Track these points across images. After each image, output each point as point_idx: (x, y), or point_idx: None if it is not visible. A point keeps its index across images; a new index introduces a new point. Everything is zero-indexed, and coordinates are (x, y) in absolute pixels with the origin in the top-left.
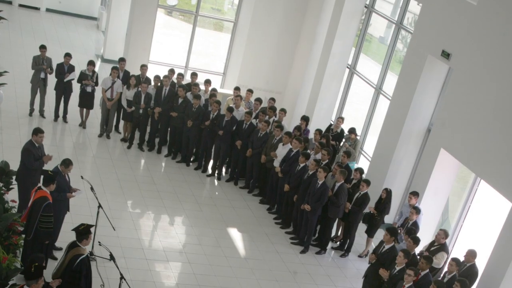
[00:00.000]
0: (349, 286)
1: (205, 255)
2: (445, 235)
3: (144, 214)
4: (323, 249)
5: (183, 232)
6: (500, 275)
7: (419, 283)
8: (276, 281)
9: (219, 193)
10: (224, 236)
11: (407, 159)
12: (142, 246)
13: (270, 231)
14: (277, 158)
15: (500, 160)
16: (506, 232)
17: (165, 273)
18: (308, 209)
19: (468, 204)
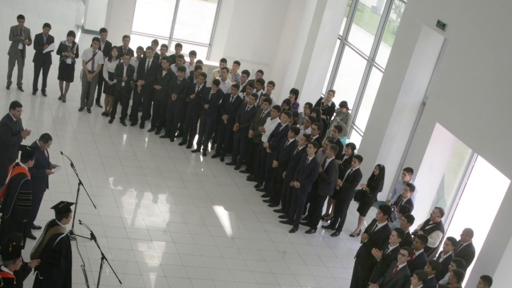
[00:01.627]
0: (340, 266)
1: (190, 234)
2: (440, 214)
3: (127, 191)
4: (313, 228)
5: (167, 210)
6: (498, 255)
7: (413, 263)
8: (264, 261)
9: (204, 169)
10: (210, 215)
11: (401, 134)
12: (124, 224)
13: (258, 209)
14: (265, 133)
15: (498, 135)
16: (504, 210)
17: (148, 253)
18: (298, 186)
19: (465, 181)
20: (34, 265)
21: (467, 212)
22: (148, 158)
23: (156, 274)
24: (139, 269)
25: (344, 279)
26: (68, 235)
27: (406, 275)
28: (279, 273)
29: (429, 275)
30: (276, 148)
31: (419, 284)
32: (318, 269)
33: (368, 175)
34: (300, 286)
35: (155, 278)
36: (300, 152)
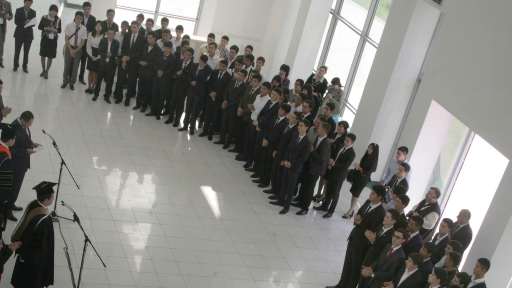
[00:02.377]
0: (333, 249)
1: (177, 216)
2: (436, 194)
3: (111, 171)
4: (305, 209)
5: (152, 190)
6: (496, 237)
7: (408, 245)
8: (254, 244)
9: (192, 148)
10: (197, 195)
11: (395, 112)
12: (109, 206)
13: (247, 190)
14: (255, 110)
15: (496, 113)
16: (502, 191)
17: (133, 235)
18: (288, 166)
19: (461, 161)
20: (15, 247)
21: (464, 192)
22: (133, 136)
23: (141, 257)
24: (123, 251)
25: (337, 262)
26: (50, 217)
27: (401, 258)
28: (269, 256)
29: (425, 258)
30: (266, 127)
31: (414, 268)
32: (310, 252)
33: (361, 154)
34: (291, 269)
35: (140, 261)
36: (291, 131)
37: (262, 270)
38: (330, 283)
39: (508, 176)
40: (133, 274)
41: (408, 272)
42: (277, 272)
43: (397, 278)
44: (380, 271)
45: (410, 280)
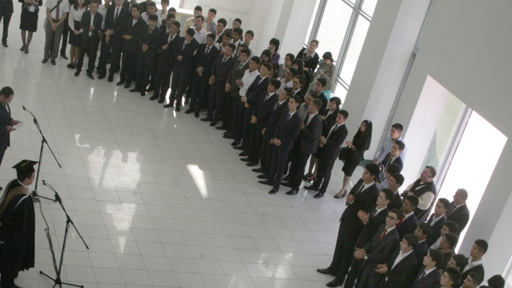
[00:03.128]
0: (324, 230)
1: (162, 196)
2: (432, 173)
3: (94, 149)
4: (295, 189)
5: (137, 169)
6: (494, 218)
7: (402, 226)
8: (242, 225)
9: (178, 125)
10: (184, 174)
11: (389, 88)
12: (92, 185)
13: (235, 169)
14: (243, 86)
15: (494, 89)
16: (500, 170)
17: (117, 216)
18: (278, 144)
19: (458, 138)
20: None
21: (461, 171)
22: (117, 113)
23: (125, 238)
24: (107, 233)
25: (328, 243)
26: (31, 197)
27: (395, 239)
28: (258, 237)
29: (420, 239)
30: (255, 103)
31: (408, 249)
32: (300, 233)
33: (354, 132)
34: (281, 251)
35: (124, 243)
36: (281, 107)
37: (250, 252)
38: (321, 265)
39: (507, 154)
40: (117, 256)
41: (402, 254)
42: (267, 254)
43: (391, 260)
44: (374, 253)
45: (404, 262)
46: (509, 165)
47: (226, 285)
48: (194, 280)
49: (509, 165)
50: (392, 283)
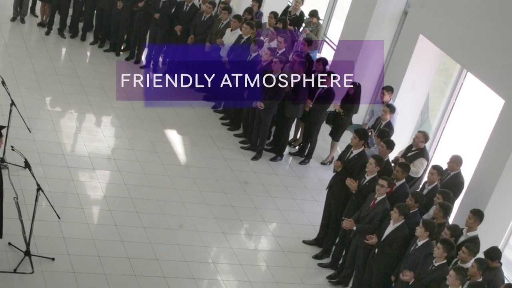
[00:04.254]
0: (310, 198)
1: (138, 162)
2: (424, 138)
3: (66, 113)
4: (279, 155)
5: (112, 134)
6: (491, 186)
7: (393, 195)
8: (223, 193)
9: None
10: (161, 140)
11: (380, 48)
12: (63, 151)
13: (215, 134)
14: (224, 46)
15: (490, 49)
16: (497, 135)
17: (90, 184)
18: (261, 108)
19: (452, 102)
20: None
21: (455, 137)
22: (90, 75)
23: (99, 208)
24: (80, 202)
25: (314, 213)
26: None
27: (385, 208)
28: (240, 207)
29: (412, 208)
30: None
31: (400, 219)
32: (285, 202)
33: (342, 95)
34: (264, 221)
35: (98, 212)
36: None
37: (232, 222)
38: (307, 236)
39: (504, 119)
40: (90, 226)
41: (393, 225)
42: (249, 224)
43: (381, 231)
44: (363, 223)
45: (395, 233)
46: (506, 130)
47: (206, 257)
48: (172, 252)
49: (506, 129)
50: (382, 255)
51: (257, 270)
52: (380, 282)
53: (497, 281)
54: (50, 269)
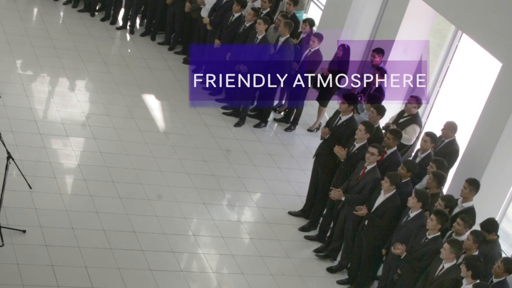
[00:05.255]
0: (296, 167)
1: (114, 129)
2: (417, 104)
3: (38, 77)
4: (264, 122)
5: (86, 99)
6: (487, 153)
7: (384, 164)
8: (204, 162)
9: (132, 50)
10: (138, 105)
11: (369, 8)
12: (35, 117)
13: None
14: (205, 6)
15: (486, 9)
16: (494, 100)
17: (64, 152)
18: (245, 71)
19: (447, 65)
20: None
21: (450, 102)
22: (63, 36)
23: (73, 177)
24: (52, 171)
25: (301, 182)
26: None
27: (376, 178)
28: (222, 176)
29: (404, 178)
30: (218, 25)
31: (391, 189)
32: (270, 171)
33: (330, 57)
34: (248, 192)
35: (72, 182)
36: (248, 30)
37: (213, 192)
38: (293, 207)
39: (501, 83)
40: (64, 197)
41: (384, 195)
42: (231, 195)
43: (371, 201)
44: (352, 194)
45: (386, 203)
46: (503, 95)
47: (186, 229)
48: (150, 224)
49: (503, 94)
50: (373, 227)
51: (240, 243)
52: (370, 256)
53: (493, 254)
54: (21, 241)
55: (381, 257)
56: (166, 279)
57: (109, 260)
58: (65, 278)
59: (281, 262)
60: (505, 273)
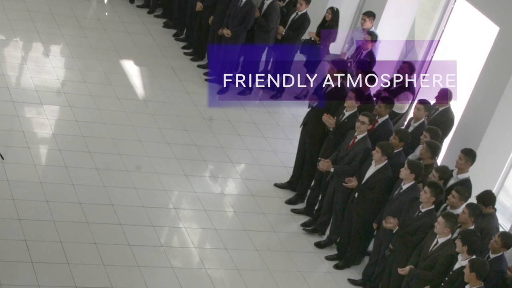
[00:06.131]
0: (282, 137)
1: (91, 96)
2: (409, 70)
3: (10, 41)
4: (248, 89)
5: (61, 65)
6: (483, 122)
7: (375, 133)
8: (186, 131)
9: (109, 13)
10: (116, 71)
11: None
12: (7, 84)
13: (177, 65)
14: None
15: None
16: (490, 66)
17: (38, 120)
18: (228, 35)
19: (441, 29)
20: None
21: (444, 69)
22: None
23: (47, 147)
24: (26, 140)
25: (287, 153)
26: None
27: (367, 148)
28: (204, 146)
29: (396, 148)
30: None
31: (382, 160)
32: (254, 141)
33: (318, 21)
34: (231, 162)
35: (46, 152)
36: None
37: (195, 163)
38: (279, 179)
39: (498, 48)
40: (38, 168)
41: (375, 166)
42: (214, 166)
43: (362, 172)
44: (341, 165)
45: (377, 175)
46: (500, 60)
47: (166, 202)
48: (128, 196)
49: (500, 60)
50: (363, 200)
51: (223, 217)
52: (360, 230)
53: (490, 228)
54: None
55: (372, 232)
56: (145, 255)
57: (85, 235)
58: (39, 254)
59: (266, 236)
60: (503, 248)
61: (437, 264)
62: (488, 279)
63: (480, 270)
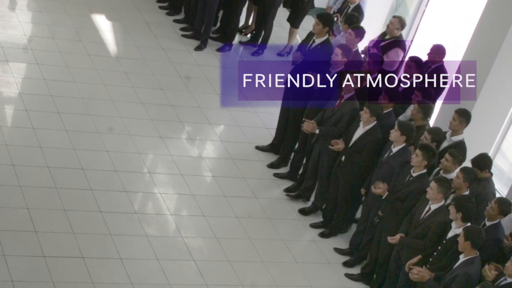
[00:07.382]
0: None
1: (60, 53)
2: (400, 25)
3: None
4: (228, 45)
5: (28, 20)
6: (479, 81)
7: (363, 92)
8: (161, 90)
9: None
10: (87, 26)
11: None
12: None
13: (151, 19)
14: None
15: None
16: (487, 19)
17: (3, 79)
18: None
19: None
20: None
21: (437, 23)
22: None
23: (13, 107)
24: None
25: (270, 114)
26: None
27: (354, 108)
28: (181, 106)
29: (385, 108)
30: None
31: (371, 121)
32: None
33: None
34: (210, 124)
35: (12, 113)
36: None
37: (171, 124)
38: (260, 141)
39: (494, 2)
40: (3, 129)
41: (363, 127)
42: (192, 127)
43: (349, 134)
44: (327, 126)
45: (365, 137)
46: (498, 13)
47: (140, 166)
48: (100, 159)
49: (498, 13)
50: (350, 164)
51: (201, 181)
52: (348, 196)
53: (486, 194)
54: None
55: (360, 198)
56: (117, 222)
57: (54, 201)
58: (5, 221)
59: (247, 203)
60: (499, 215)
61: (429, 232)
62: (484, 248)
63: (475, 239)
